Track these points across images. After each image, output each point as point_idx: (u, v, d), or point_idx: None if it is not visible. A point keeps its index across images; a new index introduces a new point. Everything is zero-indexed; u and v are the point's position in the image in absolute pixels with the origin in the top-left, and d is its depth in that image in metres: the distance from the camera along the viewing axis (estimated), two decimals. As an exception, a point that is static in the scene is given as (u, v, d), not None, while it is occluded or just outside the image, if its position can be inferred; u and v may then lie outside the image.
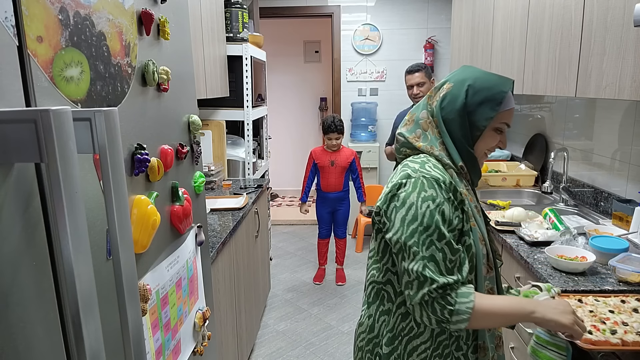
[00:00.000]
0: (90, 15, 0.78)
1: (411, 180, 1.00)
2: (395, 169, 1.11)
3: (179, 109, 1.19)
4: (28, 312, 0.61)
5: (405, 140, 1.11)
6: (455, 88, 1.07)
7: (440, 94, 1.08)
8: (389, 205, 1.02)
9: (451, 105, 1.06)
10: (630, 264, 1.44)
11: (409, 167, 1.04)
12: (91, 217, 0.77)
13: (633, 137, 1.99)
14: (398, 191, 1.01)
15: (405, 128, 1.13)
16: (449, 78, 1.10)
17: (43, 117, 0.53)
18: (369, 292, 1.13)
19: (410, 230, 0.98)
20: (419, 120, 1.11)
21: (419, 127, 1.10)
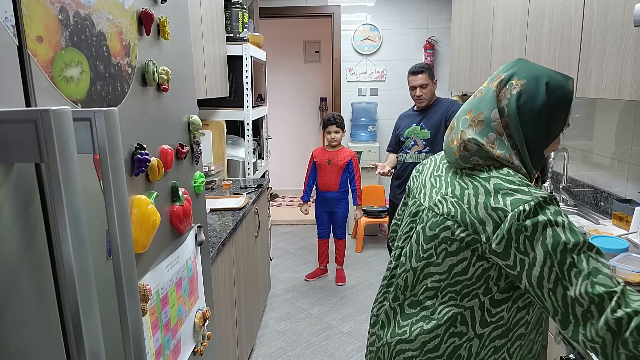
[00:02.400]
0: (90, 15, 0.78)
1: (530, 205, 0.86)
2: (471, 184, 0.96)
3: (179, 109, 1.19)
4: (28, 312, 0.61)
5: (479, 149, 0.96)
6: (531, 85, 0.95)
7: (511, 91, 0.96)
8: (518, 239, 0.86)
9: (530, 104, 0.95)
10: (630, 264, 1.44)
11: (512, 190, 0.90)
12: (91, 217, 0.77)
13: (633, 137, 1.99)
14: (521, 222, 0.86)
15: (474, 130, 0.97)
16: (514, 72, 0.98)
17: (43, 117, 0.54)
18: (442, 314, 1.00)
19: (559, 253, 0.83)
20: (490, 122, 0.96)
21: (492, 131, 0.96)
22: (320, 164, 3.57)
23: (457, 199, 0.97)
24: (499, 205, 0.89)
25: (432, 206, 1.03)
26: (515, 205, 0.87)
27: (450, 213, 0.97)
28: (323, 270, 3.82)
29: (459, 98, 3.95)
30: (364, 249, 4.40)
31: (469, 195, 0.95)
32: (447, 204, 0.99)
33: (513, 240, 0.87)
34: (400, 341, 1.06)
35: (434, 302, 1.02)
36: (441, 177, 1.05)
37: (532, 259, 0.85)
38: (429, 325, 1.02)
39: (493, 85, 0.98)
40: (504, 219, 0.88)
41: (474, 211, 0.93)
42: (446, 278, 0.99)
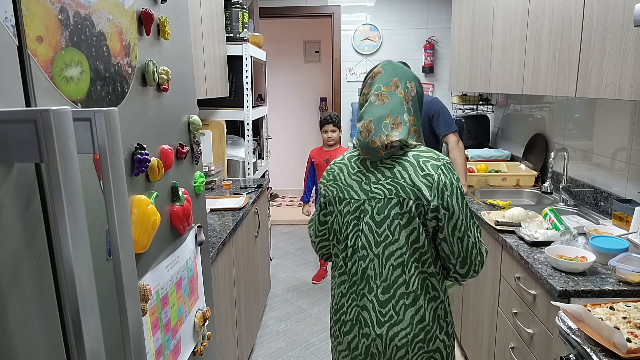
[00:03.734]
0: (90, 15, 0.78)
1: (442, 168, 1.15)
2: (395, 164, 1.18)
3: (179, 109, 1.19)
4: (28, 312, 0.61)
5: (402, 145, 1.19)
6: (417, 85, 1.24)
7: (411, 94, 1.22)
8: (443, 197, 1.13)
9: (420, 101, 1.25)
10: (630, 264, 1.44)
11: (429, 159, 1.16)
12: (91, 217, 0.77)
13: (633, 137, 1.99)
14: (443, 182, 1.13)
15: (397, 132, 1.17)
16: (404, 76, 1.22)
17: (43, 117, 0.53)
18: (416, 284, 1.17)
19: (465, 208, 1.15)
20: (406, 123, 1.19)
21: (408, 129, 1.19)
22: (318, 164, 3.57)
23: (391, 179, 1.17)
24: (426, 171, 1.14)
25: (371, 196, 1.18)
26: (434, 168, 1.14)
27: (392, 192, 1.16)
28: (325, 271, 3.83)
29: (459, 98, 3.95)
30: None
31: (399, 171, 1.17)
32: (385, 187, 1.17)
33: (440, 197, 1.13)
34: (391, 326, 1.17)
35: (405, 278, 1.16)
36: (363, 172, 1.22)
37: (451, 213, 1.13)
38: (409, 299, 1.17)
39: (397, 92, 1.20)
40: (432, 180, 1.13)
41: (409, 181, 1.15)
42: (407, 250, 1.16)
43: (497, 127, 3.83)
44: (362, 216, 1.19)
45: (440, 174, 1.13)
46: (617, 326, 1.16)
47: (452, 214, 1.13)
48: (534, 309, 1.62)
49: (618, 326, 1.16)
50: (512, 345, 1.82)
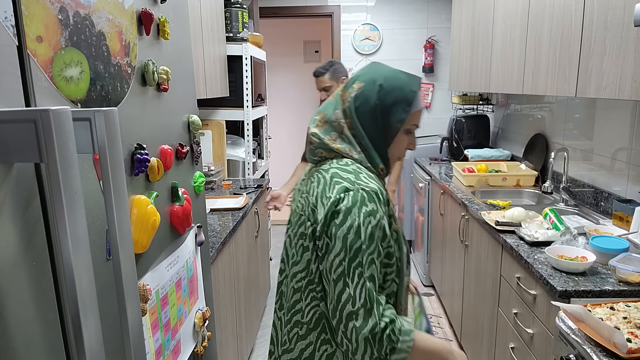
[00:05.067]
0: (90, 15, 0.78)
1: (350, 194, 0.92)
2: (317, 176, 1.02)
3: (179, 109, 1.19)
4: (28, 312, 0.61)
5: (320, 142, 1.04)
6: (367, 88, 1.01)
7: (351, 94, 1.03)
8: (329, 225, 0.92)
9: (364, 106, 1.01)
10: (630, 264, 1.44)
11: (343, 178, 0.96)
12: (91, 217, 0.77)
13: (633, 137, 1.99)
14: (337, 207, 0.92)
15: (318, 129, 1.05)
16: (358, 75, 1.05)
17: (43, 117, 0.53)
18: (309, 316, 1.01)
19: (354, 251, 0.90)
20: (332, 122, 1.04)
21: (333, 129, 1.04)
22: None
23: (306, 193, 1.02)
24: (330, 193, 0.95)
25: (293, 207, 1.07)
26: (338, 191, 0.94)
27: (303, 208, 1.01)
28: None
29: (459, 98, 3.96)
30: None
31: (313, 187, 1.01)
32: (301, 200, 1.04)
33: (326, 225, 0.93)
34: (284, 351, 1.05)
35: (301, 305, 1.02)
36: (303, 179, 1.10)
37: (332, 246, 0.92)
38: (302, 330, 1.02)
39: (339, 90, 1.06)
40: (327, 204, 0.94)
41: (313, 200, 0.98)
42: (306, 275, 1.00)
43: (497, 127, 3.83)
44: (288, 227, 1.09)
45: (342, 199, 0.92)
46: (617, 326, 1.16)
47: (332, 248, 0.91)
48: (534, 309, 1.61)
49: (618, 326, 1.16)
50: (512, 345, 1.82)
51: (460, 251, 2.63)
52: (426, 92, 4.70)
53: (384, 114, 1.01)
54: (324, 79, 2.62)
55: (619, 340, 1.08)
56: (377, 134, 1.02)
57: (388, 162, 1.06)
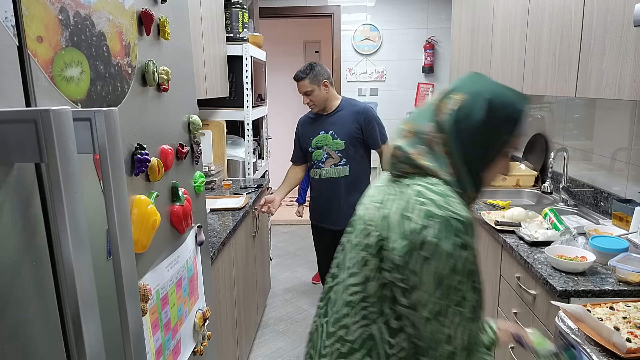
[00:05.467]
0: (90, 15, 0.78)
1: (438, 221, 0.80)
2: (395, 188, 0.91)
3: (179, 109, 1.19)
4: (28, 312, 0.61)
5: (405, 156, 0.90)
6: (471, 101, 0.88)
7: (450, 106, 0.89)
8: (412, 255, 0.80)
9: (467, 121, 0.87)
10: (630, 264, 1.44)
11: (429, 200, 0.83)
12: (91, 217, 0.77)
13: (633, 137, 1.99)
14: (422, 236, 0.80)
15: (403, 141, 0.92)
16: (458, 86, 0.92)
17: (43, 117, 0.54)
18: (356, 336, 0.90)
19: (449, 289, 0.79)
20: (421, 134, 0.90)
21: (422, 143, 0.90)
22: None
23: (380, 203, 0.91)
24: (411, 214, 0.82)
25: (360, 214, 0.97)
26: (424, 217, 0.81)
27: (373, 218, 0.90)
28: None
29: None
30: (364, 249, 4.40)
31: (390, 199, 0.89)
32: (371, 209, 0.93)
33: (409, 255, 0.81)
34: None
35: (349, 321, 0.91)
36: (379, 187, 0.98)
37: (421, 281, 0.80)
38: (344, 348, 0.92)
39: (433, 100, 0.93)
40: (408, 229, 0.81)
41: (388, 215, 0.86)
42: (361, 290, 0.90)
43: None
44: (350, 230, 1.00)
45: (426, 228, 0.79)
46: (617, 326, 1.16)
47: (421, 284, 0.80)
48: (534, 309, 1.62)
49: (618, 326, 1.16)
50: (512, 345, 1.82)
51: (460, 251, 2.63)
52: (426, 92, 4.70)
53: (488, 132, 0.88)
54: (305, 84, 2.54)
55: (618, 340, 1.08)
56: (475, 154, 0.89)
57: (479, 188, 0.92)
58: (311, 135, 2.63)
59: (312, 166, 2.66)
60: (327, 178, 2.60)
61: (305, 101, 2.60)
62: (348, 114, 2.60)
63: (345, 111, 2.61)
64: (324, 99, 2.59)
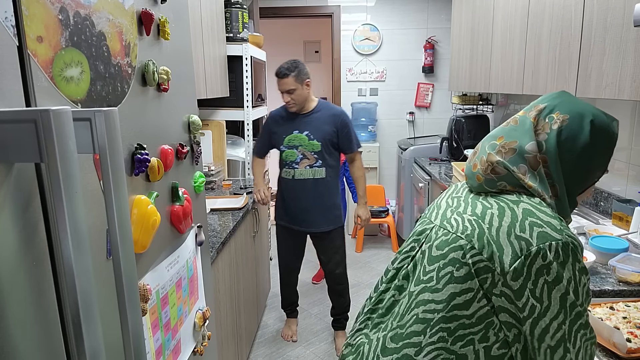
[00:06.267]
0: (90, 15, 0.78)
1: (559, 244, 0.77)
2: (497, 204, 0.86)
3: (179, 109, 1.19)
4: (28, 312, 0.61)
5: (509, 174, 0.86)
6: (574, 122, 0.85)
7: (552, 125, 0.86)
8: (537, 282, 0.77)
9: (571, 143, 0.84)
10: (630, 264, 1.44)
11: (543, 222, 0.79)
12: (91, 217, 0.77)
13: (633, 137, 1.99)
14: (545, 261, 0.76)
15: (503, 156, 0.88)
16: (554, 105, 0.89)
17: (43, 117, 0.54)
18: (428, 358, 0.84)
19: (575, 314, 0.78)
20: (524, 153, 0.86)
21: (525, 162, 0.86)
22: None
23: (477, 217, 0.85)
24: (525, 235, 0.78)
25: (444, 224, 0.90)
26: (542, 240, 0.77)
27: (466, 232, 0.84)
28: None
29: (459, 98, 3.96)
30: (364, 249, 4.40)
31: (492, 215, 0.84)
32: (463, 221, 0.87)
33: (530, 281, 0.77)
34: None
35: (421, 340, 0.85)
36: (460, 198, 0.94)
37: (544, 307, 0.77)
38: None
39: (530, 116, 0.89)
40: (525, 251, 0.77)
41: (494, 234, 0.81)
42: (442, 309, 0.83)
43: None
44: (423, 241, 0.93)
45: (547, 250, 0.76)
46: (617, 326, 1.16)
47: (547, 310, 0.77)
48: (534, 309, 1.62)
49: (618, 326, 1.16)
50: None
51: (460, 251, 2.63)
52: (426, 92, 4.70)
53: (591, 156, 0.85)
54: (288, 81, 2.46)
55: (618, 340, 1.08)
56: (575, 177, 0.86)
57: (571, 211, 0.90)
58: (283, 133, 2.58)
59: (284, 166, 2.62)
60: (302, 179, 2.57)
61: (286, 99, 2.52)
62: (324, 116, 2.57)
63: (322, 113, 2.58)
64: (304, 98, 2.54)
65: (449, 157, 3.78)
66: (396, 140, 4.76)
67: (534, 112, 0.89)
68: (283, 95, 2.53)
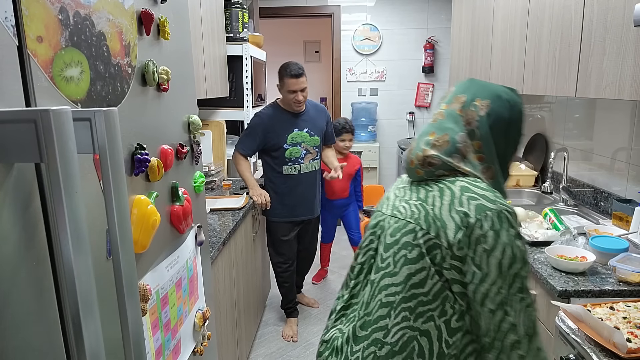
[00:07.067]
0: (90, 15, 0.78)
1: (493, 214, 0.84)
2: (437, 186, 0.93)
3: (179, 109, 1.19)
4: (28, 312, 0.61)
5: (444, 164, 0.93)
6: (495, 104, 0.94)
7: (479, 113, 0.94)
8: (476, 250, 0.83)
9: (499, 123, 0.94)
10: (630, 264, 1.44)
11: (478, 195, 0.86)
12: (91, 217, 0.77)
13: (633, 137, 1.99)
14: (482, 230, 0.83)
15: (438, 150, 0.94)
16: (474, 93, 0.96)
17: (43, 117, 0.53)
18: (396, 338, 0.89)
19: (512, 277, 0.82)
20: (456, 143, 0.93)
21: (457, 152, 0.93)
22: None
23: (422, 201, 0.93)
24: (464, 208, 0.86)
25: (394, 213, 0.97)
26: (479, 211, 0.84)
27: (414, 215, 0.91)
28: (325, 271, 3.84)
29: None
30: (364, 249, 4.40)
31: (434, 196, 0.91)
32: (410, 207, 0.94)
33: (472, 250, 0.84)
34: None
35: (387, 323, 0.91)
36: (405, 188, 1.01)
37: (484, 274, 0.83)
38: (382, 350, 0.90)
39: (455, 109, 0.96)
40: (466, 223, 0.84)
41: (437, 212, 0.88)
42: (402, 290, 0.90)
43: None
44: (378, 233, 1.00)
45: (483, 220, 0.83)
46: (617, 326, 1.16)
47: (486, 276, 0.83)
48: (534, 309, 1.62)
49: (618, 326, 1.16)
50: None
51: (460, 251, 2.63)
52: (426, 92, 4.70)
53: (513, 129, 0.95)
54: (304, 80, 2.60)
55: (618, 340, 1.08)
56: (507, 152, 0.96)
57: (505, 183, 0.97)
58: (285, 132, 2.67)
59: (285, 162, 2.70)
60: (307, 172, 2.78)
61: (299, 98, 2.61)
62: (315, 112, 2.79)
63: (312, 110, 2.78)
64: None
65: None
66: (396, 140, 4.76)
67: (458, 105, 0.97)
68: (296, 94, 2.60)
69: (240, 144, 2.72)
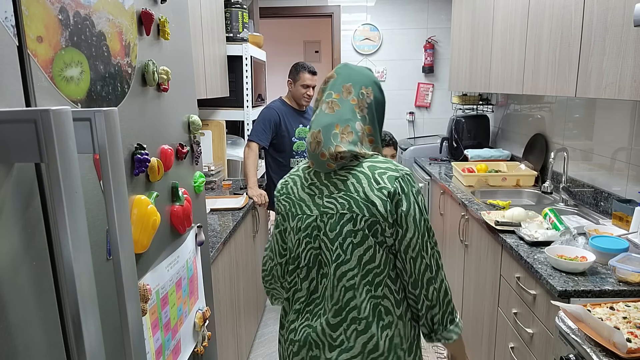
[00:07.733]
0: (90, 15, 0.78)
1: (402, 180, 1.04)
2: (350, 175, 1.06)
3: (179, 109, 1.19)
4: (28, 312, 0.61)
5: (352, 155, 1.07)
6: (375, 90, 1.12)
7: (366, 101, 1.10)
8: (397, 212, 1.03)
9: (379, 107, 1.12)
10: (630, 264, 1.44)
11: (384, 168, 1.05)
12: (91, 217, 0.77)
13: (633, 137, 1.99)
14: (399, 196, 1.02)
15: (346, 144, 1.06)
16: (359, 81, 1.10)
17: (43, 117, 0.53)
18: (368, 310, 1.06)
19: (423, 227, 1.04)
20: (357, 132, 1.07)
21: (359, 139, 1.08)
22: None
23: (345, 192, 1.06)
24: (381, 183, 1.03)
25: (323, 211, 1.08)
26: (391, 181, 1.03)
27: (345, 207, 1.05)
28: None
29: (459, 98, 3.96)
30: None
31: (353, 184, 1.06)
32: (337, 200, 1.06)
33: (396, 214, 1.03)
34: (342, 351, 1.07)
35: (356, 302, 1.06)
36: (316, 185, 1.11)
37: (404, 230, 1.03)
38: (361, 325, 1.06)
39: (349, 99, 1.09)
40: (387, 195, 1.02)
41: (363, 196, 1.04)
42: (358, 272, 1.05)
43: (497, 127, 3.83)
44: (314, 233, 1.09)
45: (397, 187, 1.02)
46: (617, 326, 1.16)
47: (406, 231, 1.03)
48: (534, 309, 1.62)
49: (618, 326, 1.16)
50: (512, 345, 1.82)
51: (460, 251, 2.63)
52: (426, 92, 4.70)
53: (384, 109, 1.15)
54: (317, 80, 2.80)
55: (618, 340, 1.08)
56: (380, 129, 1.14)
57: None
58: (294, 126, 2.89)
59: (293, 156, 2.90)
60: None
61: (310, 93, 2.85)
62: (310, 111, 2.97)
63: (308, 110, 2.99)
64: None
65: (449, 157, 3.78)
66: (396, 140, 4.75)
67: (348, 94, 1.09)
68: (309, 89, 2.84)
69: (255, 136, 2.76)
